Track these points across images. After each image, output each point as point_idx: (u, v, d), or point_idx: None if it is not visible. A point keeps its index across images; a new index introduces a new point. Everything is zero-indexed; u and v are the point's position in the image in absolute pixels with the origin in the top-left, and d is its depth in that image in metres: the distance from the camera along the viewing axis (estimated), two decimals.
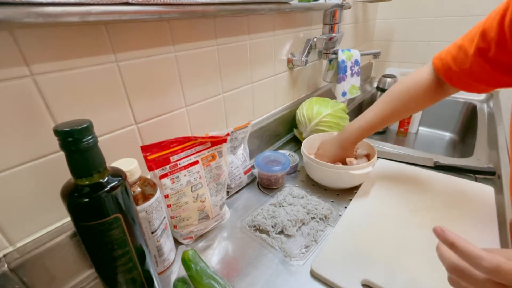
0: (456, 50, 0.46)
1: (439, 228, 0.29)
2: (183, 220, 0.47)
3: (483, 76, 0.43)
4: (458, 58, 0.45)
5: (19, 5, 0.27)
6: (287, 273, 0.43)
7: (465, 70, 0.44)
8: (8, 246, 0.36)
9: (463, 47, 0.44)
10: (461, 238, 0.27)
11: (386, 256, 0.43)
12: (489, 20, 0.40)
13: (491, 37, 0.39)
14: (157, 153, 0.41)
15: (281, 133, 0.82)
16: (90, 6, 0.31)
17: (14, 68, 0.31)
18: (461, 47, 0.45)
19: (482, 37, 0.41)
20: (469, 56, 0.43)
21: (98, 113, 0.40)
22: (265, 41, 0.67)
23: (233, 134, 0.56)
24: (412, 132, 1.13)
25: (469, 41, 0.43)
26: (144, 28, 0.42)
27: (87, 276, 0.43)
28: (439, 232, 0.29)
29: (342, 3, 0.78)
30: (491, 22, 0.39)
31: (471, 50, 0.42)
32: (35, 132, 0.35)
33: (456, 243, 0.27)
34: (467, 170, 0.62)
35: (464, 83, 0.47)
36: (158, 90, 0.47)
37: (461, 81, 0.47)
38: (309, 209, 0.53)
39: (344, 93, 0.91)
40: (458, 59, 0.45)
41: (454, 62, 0.46)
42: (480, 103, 1.02)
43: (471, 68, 0.43)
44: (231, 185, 0.60)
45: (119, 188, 0.28)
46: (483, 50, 0.41)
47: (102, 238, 0.29)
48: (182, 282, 0.39)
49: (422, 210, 0.52)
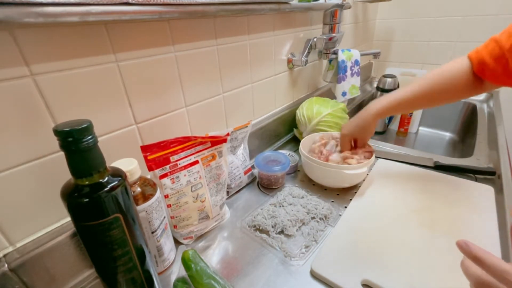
0: (493, 44, 0.46)
1: (463, 242, 0.27)
2: (183, 220, 0.47)
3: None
4: (493, 52, 0.46)
5: (19, 5, 0.27)
6: (287, 273, 0.43)
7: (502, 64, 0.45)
8: (8, 246, 0.36)
9: (499, 42, 0.45)
10: (486, 252, 0.26)
11: (386, 256, 0.43)
12: None
13: None
14: (157, 153, 0.41)
15: (281, 133, 0.82)
16: (90, 6, 0.31)
17: (14, 68, 0.31)
18: (498, 41, 0.45)
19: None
20: (505, 50, 0.44)
21: (98, 113, 0.40)
22: (265, 41, 0.67)
23: (233, 134, 0.56)
24: (412, 132, 1.13)
25: (507, 36, 0.44)
26: (144, 28, 0.42)
27: (87, 276, 0.43)
28: (462, 246, 0.27)
29: (342, 3, 0.78)
30: None
31: (508, 44, 0.43)
32: (35, 132, 0.35)
33: (481, 257, 0.26)
34: (467, 170, 0.62)
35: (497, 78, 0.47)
36: (158, 90, 0.47)
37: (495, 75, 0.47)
38: (309, 209, 0.53)
39: (344, 93, 0.91)
40: (494, 53, 0.46)
41: (490, 56, 0.46)
42: (480, 103, 1.02)
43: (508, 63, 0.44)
44: (231, 185, 0.60)
45: (119, 188, 0.28)
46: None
47: (102, 238, 0.29)
48: (182, 282, 0.39)
49: (422, 210, 0.52)
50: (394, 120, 1.14)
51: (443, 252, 0.42)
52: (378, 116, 0.57)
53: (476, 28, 1.11)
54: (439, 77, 0.52)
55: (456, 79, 0.51)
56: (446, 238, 0.45)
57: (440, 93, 0.53)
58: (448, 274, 0.39)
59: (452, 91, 0.52)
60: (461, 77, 0.50)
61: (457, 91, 0.52)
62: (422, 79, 0.54)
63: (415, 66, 1.31)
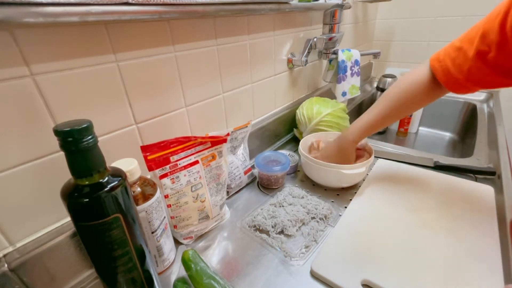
0: (456, 52, 0.44)
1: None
2: (183, 220, 0.47)
3: (483, 79, 0.43)
4: (457, 60, 0.44)
5: (19, 5, 0.27)
6: (287, 273, 0.43)
7: (464, 73, 0.43)
8: (8, 246, 0.36)
9: (462, 49, 0.43)
10: None
11: (386, 256, 0.43)
12: (489, 22, 0.38)
13: (491, 39, 0.38)
14: (157, 153, 0.41)
15: (281, 133, 0.82)
16: (90, 6, 0.31)
17: (14, 68, 0.31)
18: (460, 49, 0.43)
19: (482, 39, 0.40)
20: (469, 59, 0.42)
21: (98, 113, 0.40)
22: (265, 41, 0.67)
23: (233, 134, 0.56)
24: (412, 132, 1.13)
25: (468, 42, 0.42)
26: (144, 28, 0.42)
27: (87, 276, 0.43)
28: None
29: (342, 3, 0.78)
30: (491, 24, 0.38)
31: (471, 52, 0.41)
32: (35, 132, 0.35)
33: None
34: (467, 170, 0.62)
35: (461, 87, 0.46)
36: (158, 90, 0.47)
37: (458, 84, 0.46)
38: (309, 209, 0.53)
39: (344, 93, 0.91)
40: (457, 62, 0.44)
41: (453, 65, 0.45)
42: (480, 103, 1.02)
43: (469, 71, 0.43)
44: (231, 185, 0.60)
45: (119, 188, 0.28)
46: (483, 52, 0.40)
47: (102, 238, 0.29)
48: (182, 282, 0.39)
49: (422, 210, 0.52)
50: None
51: (443, 252, 0.42)
52: (356, 143, 0.59)
53: None
54: (404, 92, 0.53)
55: (418, 91, 0.51)
56: (446, 238, 0.45)
57: (406, 108, 0.54)
58: (448, 274, 0.39)
59: (414, 103, 0.53)
60: (422, 89, 0.51)
61: (419, 102, 0.53)
62: (386, 97, 0.55)
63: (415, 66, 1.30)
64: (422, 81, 0.50)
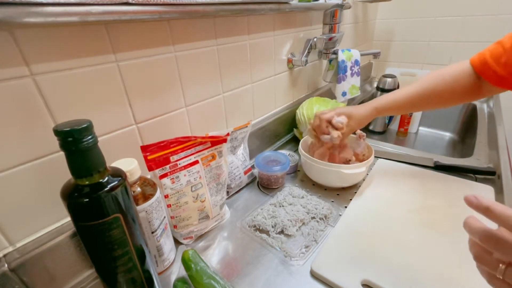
0: (494, 45, 0.47)
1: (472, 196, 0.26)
2: (183, 220, 0.47)
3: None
4: (494, 52, 0.47)
5: (19, 5, 0.27)
6: (287, 273, 0.43)
7: (501, 64, 0.45)
8: (8, 246, 0.36)
9: (501, 42, 0.46)
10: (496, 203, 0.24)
11: (386, 256, 0.43)
12: None
13: None
14: (157, 153, 0.41)
15: (281, 133, 0.82)
16: (90, 6, 0.31)
17: (14, 68, 0.31)
18: (500, 42, 0.46)
19: None
20: (507, 51, 0.44)
21: (98, 113, 0.40)
22: (265, 41, 0.67)
23: (233, 134, 0.56)
24: (412, 132, 1.13)
25: (508, 37, 0.45)
26: (144, 28, 0.42)
27: (87, 276, 0.43)
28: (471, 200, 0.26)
29: (342, 3, 0.78)
30: None
31: (508, 44, 0.44)
32: (35, 132, 0.35)
33: (491, 208, 0.24)
34: (467, 170, 0.62)
35: (498, 77, 0.47)
36: (158, 90, 0.47)
37: (496, 75, 0.47)
38: (309, 209, 0.53)
39: (344, 93, 0.91)
40: (495, 53, 0.46)
41: (491, 55, 0.47)
42: (480, 103, 1.02)
43: (506, 62, 0.44)
44: (231, 185, 0.60)
45: (119, 188, 0.28)
46: None
47: (102, 238, 0.29)
48: (182, 282, 0.39)
49: (422, 210, 0.52)
50: (394, 120, 1.14)
51: (443, 252, 0.42)
52: (376, 111, 0.57)
53: (476, 28, 1.11)
54: (439, 78, 0.52)
55: (457, 81, 0.51)
56: (446, 238, 0.45)
57: (439, 95, 0.53)
58: (448, 274, 0.39)
59: (451, 93, 0.52)
60: (461, 79, 0.50)
61: (456, 93, 0.52)
62: (423, 79, 0.54)
63: (415, 66, 1.31)
64: (464, 72, 0.51)
